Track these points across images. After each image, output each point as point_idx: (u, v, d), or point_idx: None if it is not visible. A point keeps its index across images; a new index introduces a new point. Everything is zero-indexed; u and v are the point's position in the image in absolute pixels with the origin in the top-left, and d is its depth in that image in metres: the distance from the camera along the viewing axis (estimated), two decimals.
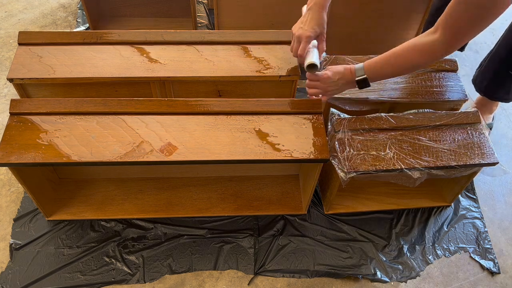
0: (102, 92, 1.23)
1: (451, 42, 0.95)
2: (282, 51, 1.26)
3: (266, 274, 1.16)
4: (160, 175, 1.33)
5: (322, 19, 1.11)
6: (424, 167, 1.08)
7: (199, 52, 1.24)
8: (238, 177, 1.34)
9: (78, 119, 1.04)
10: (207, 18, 1.93)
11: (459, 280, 1.19)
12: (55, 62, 1.18)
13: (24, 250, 1.17)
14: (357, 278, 1.17)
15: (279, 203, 1.29)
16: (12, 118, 1.03)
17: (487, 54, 1.38)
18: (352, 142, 1.10)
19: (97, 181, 1.30)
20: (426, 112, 1.17)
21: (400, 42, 1.04)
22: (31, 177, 1.10)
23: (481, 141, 1.14)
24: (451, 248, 1.25)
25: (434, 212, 1.32)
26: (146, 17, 1.87)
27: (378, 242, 1.24)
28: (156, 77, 1.18)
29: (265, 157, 1.01)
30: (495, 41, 1.36)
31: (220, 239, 1.21)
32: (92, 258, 1.16)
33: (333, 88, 1.13)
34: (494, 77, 1.36)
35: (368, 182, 1.33)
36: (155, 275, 1.14)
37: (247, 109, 1.08)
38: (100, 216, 1.23)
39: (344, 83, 1.12)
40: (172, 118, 1.06)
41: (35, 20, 1.90)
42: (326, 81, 1.12)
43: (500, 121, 1.62)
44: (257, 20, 1.62)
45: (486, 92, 1.43)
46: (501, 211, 1.36)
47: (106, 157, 0.98)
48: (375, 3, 1.56)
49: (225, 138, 1.04)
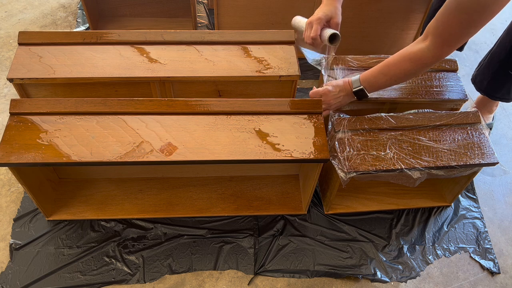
0: (102, 92, 1.23)
1: (441, 49, 0.96)
2: (282, 51, 1.26)
3: (266, 274, 1.16)
4: (160, 175, 1.33)
5: (334, 6, 1.13)
6: (424, 167, 1.08)
7: (199, 52, 1.24)
8: (238, 177, 1.34)
9: (78, 119, 1.04)
10: (207, 18, 1.93)
11: (459, 280, 1.19)
12: (55, 62, 1.18)
13: (24, 250, 1.17)
14: (357, 278, 1.17)
15: (279, 203, 1.29)
16: (12, 118, 1.03)
17: (486, 54, 1.38)
18: (352, 142, 1.10)
19: (97, 181, 1.30)
20: (426, 112, 1.17)
21: (400, 42, 1.05)
22: (31, 177, 1.10)
23: (481, 141, 1.14)
24: (451, 248, 1.25)
25: (434, 212, 1.32)
26: (146, 17, 1.87)
27: (378, 242, 1.24)
28: (156, 77, 1.18)
29: (265, 157, 1.01)
30: (494, 41, 1.36)
31: (220, 239, 1.21)
32: (92, 258, 1.16)
33: (335, 101, 1.17)
34: (494, 77, 1.36)
35: (368, 182, 1.33)
36: (155, 275, 1.14)
37: (247, 109, 1.08)
38: (100, 216, 1.23)
39: (345, 95, 1.15)
40: (172, 118, 1.06)
41: (35, 20, 1.90)
42: (328, 95, 1.15)
43: (500, 121, 1.62)
44: (257, 20, 1.62)
45: (486, 91, 1.43)
46: (501, 211, 1.36)
47: (106, 157, 0.98)
48: (375, 3, 1.57)
49: (225, 138, 1.04)
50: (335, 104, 1.17)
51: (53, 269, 1.13)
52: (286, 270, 1.17)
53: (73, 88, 1.21)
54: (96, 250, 1.17)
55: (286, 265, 1.18)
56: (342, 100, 1.17)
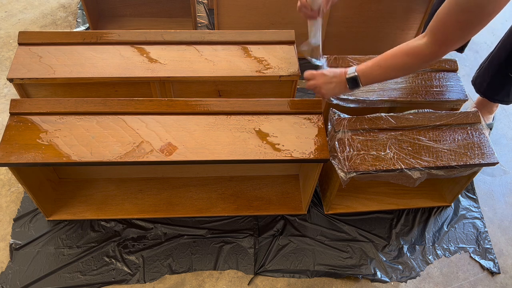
0: (102, 92, 1.23)
1: (439, 47, 0.96)
2: (282, 51, 1.26)
3: (266, 274, 1.16)
4: (160, 175, 1.32)
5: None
6: (424, 167, 1.08)
7: (199, 52, 1.24)
8: (238, 177, 1.34)
9: (78, 119, 1.04)
10: (207, 18, 1.93)
11: (459, 280, 1.19)
12: (55, 62, 1.18)
13: (24, 250, 1.17)
14: (357, 278, 1.17)
15: (279, 203, 1.29)
16: (12, 118, 1.03)
17: (487, 56, 1.38)
18: (352, 142, 1.10)
19: (97, 181, 1.30)
20: (426, 112, 1.17)
21: (400, 42, 1.05)
22: (31, 177, 1.10)
23: (481, 141, 1.14)
24: (451, 248, 1.25)
25: (434, 212, 1.32)
26: (146, 17, 1.87)
27: (378, 242, 1.24)
28: (156, 77, 1.18)
29: (265, 157, 1.01)
30: (495, 41, 1.37)
31: (220, 239, 1.21)
32: (92, 258, 1.16)
33: (326, 86, 1.15)
34: (494, 79, 1.36)
35: (368, 182, 1.33)
36: (155, 275, 1.14)
37: (247, 109, 1.08)
38: (100, 216, 1.23)
39: (337, 82, 1.13)
40: (172, 118, 1.06)
41: (35, 20, 1.90)
42: (320, 78, 1.14)
43: (500, 121, 1.62)
44: (257, 20, 1.62)
45: (485, 93, 1.43)
46: (501, 211, 1.36)
47: (106, 157, 0.98)
48: (375, 3, 1.57)
49: (225, 138, 1.04)
50: (325, 89, 1.15)
51: (53, 269, 1.13)
52: (286, 270, 1.17)
53: (73, 88, 1.21)
54: (96, 250, 1.17)
55: (286, 265, 1.18)
56: (334, 88, 1.15)
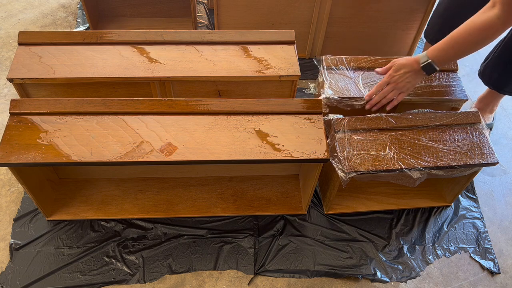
0: (102, 92, 1.23)
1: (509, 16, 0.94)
2: (282, 51, 1.26)
3: (266, 274, 1.16)
4: (160, 175, 1.32)
5: None
6: (424, 167, 1.08)
7: (199, 52, 1.24)
8: (238, 177, 1.34)
9: (78, 119, 1.04)
10: (207, 18, 1.93)
11: (459, 280, 1.19)
12: (55, 62, 1.18)
13: (24, 250, 1.17)
14: (357, 278, 1.17)
15: (279, 203, 1.29)
16: (12, 118, 1.03)
17: (496, 45, 1.33)
18: (352, 142, 1.10)
19: (97, 181, 1.30)
20: (426, 112, 1.17)
21: (400, 42, 1.05)
22: (31, 177, 1.10)
23: (481, 141, 1.14)
24: (451, 248, 1.25)
25: (434, 212, 1.32)
26: (146, 17, 1.87)
27: (378, 242, 1.24)
28: (156, 77, 1.18)
29: (265, 157, 1.01)
30: (494, 41, 1.35)
31: (220, 239, 1.21)
32: (92, 258, 1.16)
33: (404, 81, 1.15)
34: (505, 68, 1.32)
35: (368, 182, 1.33)
36: (155, 275, 1.14)
37: (247, 109, 1.08)
38: (100, 216, 1.23)
39: (412, 73, 1.14)
40: (172, 118, 1.06)
41: (35, 20, 1.90)
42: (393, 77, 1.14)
43: (500, 121, 1.62)
44: (257, 20, 1.62)
45: (495, 84, 1.38)
46: (501, 211, 1.36)
47: (106, 157, 0.98)
48: (375, 3, 1.57)
49: (225, 138, 1.04)
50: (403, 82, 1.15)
51: (53, 269, 1.13)
52: (286, 270, 1.17)
53: (73, 88, 1.21)
54: (96, 250, 1.17)
55: (286, 265, 1.18)
56: (411, 79, 1.15)
